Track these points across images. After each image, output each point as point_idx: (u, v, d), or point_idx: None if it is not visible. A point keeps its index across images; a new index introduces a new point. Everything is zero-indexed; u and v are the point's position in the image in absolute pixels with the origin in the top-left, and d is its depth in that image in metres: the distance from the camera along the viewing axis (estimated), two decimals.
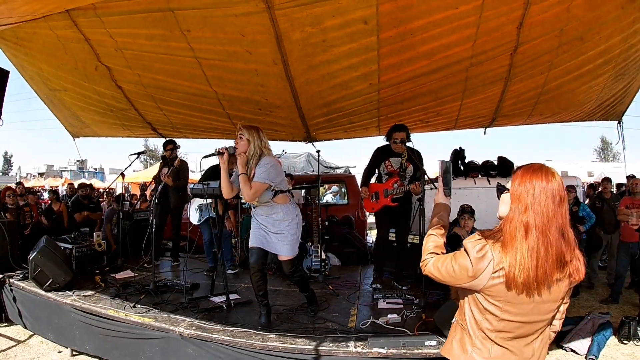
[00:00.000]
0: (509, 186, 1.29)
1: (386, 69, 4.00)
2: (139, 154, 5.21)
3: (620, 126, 5.88)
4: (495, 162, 5.92)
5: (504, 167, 5.71)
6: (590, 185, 9.06)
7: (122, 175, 5.54)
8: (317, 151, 5.19)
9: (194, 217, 4.60)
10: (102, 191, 14.06)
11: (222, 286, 3.58)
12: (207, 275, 4.52)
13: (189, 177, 5.70)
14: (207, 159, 3.09)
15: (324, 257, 4.53)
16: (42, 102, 5.83)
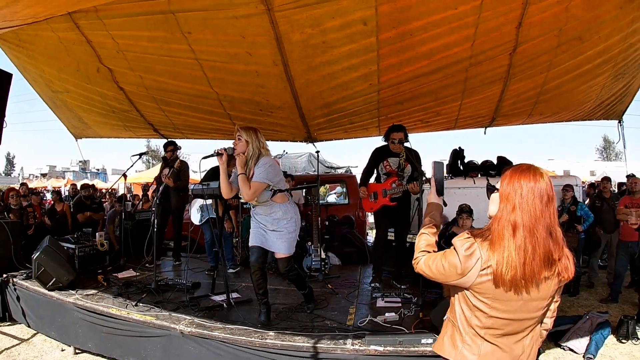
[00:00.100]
0: (499, 186, 1.32)
1: (386, 70, 4.01)
2: (141, 155, 5.24)
3: (620, 125, 5.86)
4: (494, 161, 5.92)
5: (504, 167, 5.71)
6: (591, 184, 9.03)
7: (124, 175, 5.59)
8: (317, 152, 5.22)
9: (196, 218, 4.64)
10: (105, 192, 14.11)
11: (222, 285, 3.61)
12: (208, 274, 4.57)
13: (189, 177, 5.74)
14: (206, 160, 3.13)
15: (324, 256, 4.56)
16: (45, 103, 5.84)
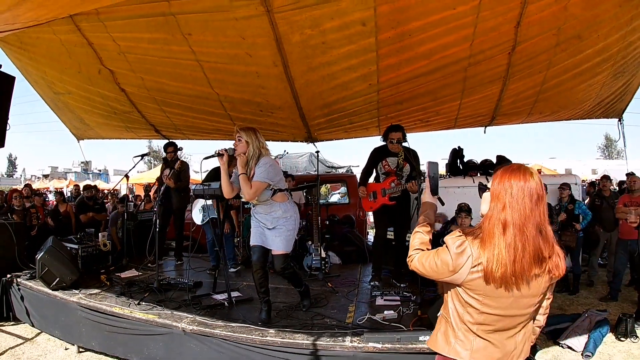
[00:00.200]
0: (490, 185, 1.34)
1: (385, 70, 4.03)
2: (143, 156, 5.26)
3: (621, 124, 5.86)
4: (494, 160, 5.93)
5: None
6: (591, 183, 9.02)
7: (126, 176, 5.63)
8: (317, 152, 5.24)
9: (198, 218, 4.68)
10: (107, 192, 14.18)
11: (224, 284, 3.65)
12: (210, 273, 4.60)
13: (190, 178, 5.78)
14: (207, 160, 3.17)
15: (324, 255, 4.59)
16: (47, 105, 5.88)
